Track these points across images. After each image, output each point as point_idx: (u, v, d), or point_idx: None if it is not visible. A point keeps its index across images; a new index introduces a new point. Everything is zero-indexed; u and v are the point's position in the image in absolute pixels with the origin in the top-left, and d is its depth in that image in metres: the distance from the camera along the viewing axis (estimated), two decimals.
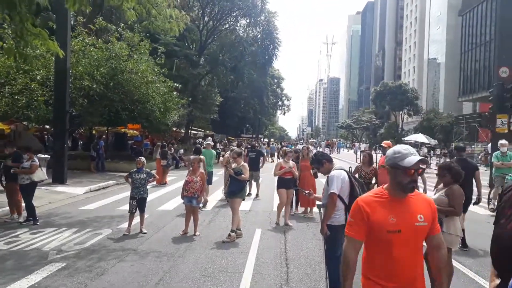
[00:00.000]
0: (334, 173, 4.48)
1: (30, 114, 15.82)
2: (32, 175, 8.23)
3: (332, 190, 4.38)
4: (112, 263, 5.84)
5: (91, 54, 17.63)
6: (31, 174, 8.22)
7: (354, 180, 4.58)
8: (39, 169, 8.40)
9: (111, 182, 14.97)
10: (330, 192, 4.39)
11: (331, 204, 4.40)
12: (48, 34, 8.62)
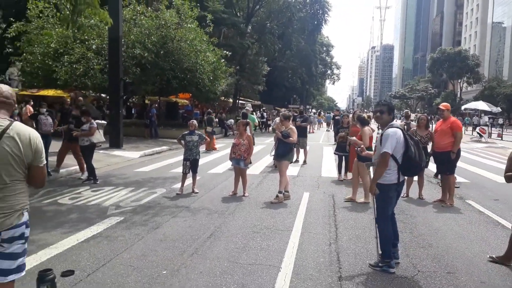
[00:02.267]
0: (389, 131, 4.27)
1: (87, 82, 16.63)
2: (91, 137, 8.71)
3: (385, 149, 4.20)
4: (166, 218, 6.11)
5: (142, 22, 17.96)
6: (91, 136, 8.70)
7: (410, 139, 4.37)
8: (97, 131, 8.87)
9: (164, 148, 15.55)
10: (383, 151, 4.22)
11: (382, 163, 4.24)
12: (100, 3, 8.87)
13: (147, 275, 4.02)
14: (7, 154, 2.43)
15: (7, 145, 2.43)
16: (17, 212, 2.51)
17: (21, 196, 2.54)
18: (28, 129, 2.59)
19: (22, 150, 2.48)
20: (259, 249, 4.81)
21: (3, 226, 2.45)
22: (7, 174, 2.45)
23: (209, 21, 21.73)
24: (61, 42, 17.19)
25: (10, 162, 2.45)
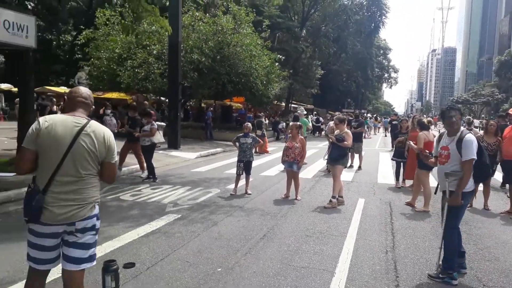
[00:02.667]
0: (469, 137, 4.04)
1: (148, 85, 17.48)
2: (152, 138, 9.14)
3: (472, 156, 3.98)
4: (221, 217, 6.25)
5: (200, 28, 18.53)
6: (151, 136, 9.12)
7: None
8: (157, 132, 9.30)
9: (219, 150, 15.93)
10: (470, 157, 3.99)
11: (469, 171, 4.01)
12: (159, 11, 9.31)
13: (203, 271, 4.13)
14: (84, 150, 2.61)
15: (84, 142, 2.61)
16: (89, 205, 2.68)
17: (93, 190, 2.71)
18: (103, 127, 2.78)
19: (97, 146, 2.65)
20: (312, 253, 4.77)
21: (77, 217, 2.63)
22: (82, 168, 2.63)
23: (265, 26, 21.96)
24: (124, 48, 18.23)
25: (86, 157, 2.63)
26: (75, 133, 2.60)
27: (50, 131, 2.57)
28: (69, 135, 2.59)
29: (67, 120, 2.65)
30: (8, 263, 4.21)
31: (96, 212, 2.75)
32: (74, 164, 2.59)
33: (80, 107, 2.75)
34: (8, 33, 6.77)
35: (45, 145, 2.57)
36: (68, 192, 2.59)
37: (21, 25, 7.03)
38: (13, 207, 6.51)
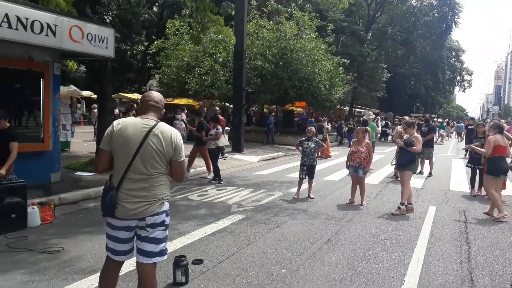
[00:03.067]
0: None
1: (214, 92, 18.12)
2: (217, 141, 9.45)
3: None
4: (285, 219, 6.28)
5: (264, 35, 18.85)
6: (217, 140, 9.44)
7: None
8: (222, 136, 9.60)
9: (281, 154, 16.01)
10: None
11: None
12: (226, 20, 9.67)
13: (267, 271, 4.18)
14: (152, 149, 2.75)
15: (152, 142, 2.75)
16: (158, 201, 2.79)
17: (162, 188, 2.83)
18: (171, 128, 2.90)
19: (164, 146, 2.77)
20: (380, 259, 4.62)
21: (146, 212, 2.76)
22: (151, 166, 2.78)
23: (329, 30, 21.76)
24: (193, 56, 19.06)
25: (154, 157, 2.78)
26: (144, 134, 2.75)
27: (122, 133, 2.76)
28: (138, 136, 2.74)
29: (137, 122, 2.83)
30: (90, 254, 4.59)
31: (165, 209, 2.86)
32: (143, 163, 2.73)
33: (151, 110, 2.91)
34: (91, 45, 7.41)
35: (118, 146, 2.77)
36: (139, 189, 2.75)
37: (102, 37, 7.66)
38: (92, 204, 7.07)
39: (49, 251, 4.61)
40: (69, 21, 7.00)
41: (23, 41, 6.36)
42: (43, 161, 7.71)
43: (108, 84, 10.14)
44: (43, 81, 7.48)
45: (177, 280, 3.81)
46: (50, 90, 7.62)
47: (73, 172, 9.23)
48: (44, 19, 6.51)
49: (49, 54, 7.51)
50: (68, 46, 7.03)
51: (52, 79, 7.67)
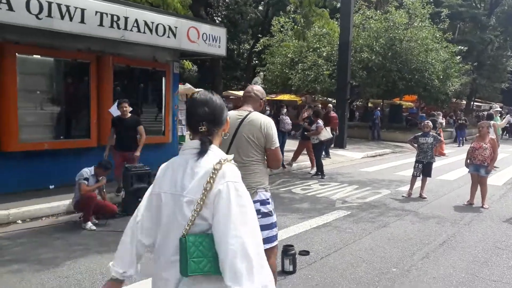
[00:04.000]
0: None
1: (316, 87, 18.02)
2: (319, 135, 9.41)
3: None
4: (392, 219, 6.01)
5: (370, 26, 18.12)
6: (318, 134, 9.41)
7: None
8: (323, 129, 9.53)
9: (387, 150, 15.25)
10: None
11: None
12: (331, 12, 9.51)
13: (376, 268, 4.07)
14: (244, 138, 2.84)
15: (244, 131, 2.85)
16: (251, 190, 2.76)
17: (257, 176, 2.87)
18: (262, 117, 2.92)
19: (254, 134, 2.84)
20: (506, 267, 4.16)
21: None
22: (244, 155, 2.88)
23: (443, 16, 20.01)
24: (296, 52, 19.18)
25: (247, 145, 2.88)
26: (237, 124, 2.86)
27: None
28: (232, 127, 2.80)
29: (233, 114, 2.93)
30: None
31: (259, 198, 2.87)
32: (237, 152, 2.81)
33: (248, 102, 3.01)
34: (205, 44, 7.97)
35: None
36: None
37: (215, 37, 8.17)
38: None
39: None
40: (187, 23, 7.62)
41: (149, 43, 7.13)
42: (164, 152, 8.51)
43: (219, 81, 10.81)
44: (165, 79, 8.27)
45: (285, 268, 3.92)
46: (170, 88, 8.40)
47: None
48: (166, 22, 7.19)
49: (169, 54, 8.29)
50: (186, 46, 7.66)
51: (172, 78, 8.44)
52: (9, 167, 6.26)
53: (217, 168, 1.44)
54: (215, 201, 1.41)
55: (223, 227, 1.37)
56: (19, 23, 5.44)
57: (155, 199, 1.57)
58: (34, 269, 3.88)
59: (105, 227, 5.26)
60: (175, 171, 1.54)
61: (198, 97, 1.61)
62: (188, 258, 1.37)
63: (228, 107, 11.82)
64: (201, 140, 1.52)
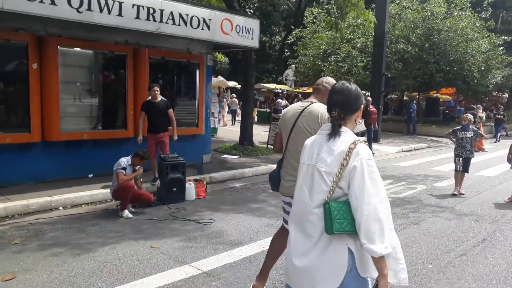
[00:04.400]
0: None
1: (350, 79, 17.65)
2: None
3: None
4: (427, 215, 5.85)
5: (407, 16, 17.58)
6: None
7: None
8: None
9: (423, 145, 14.83)
10: None
11: None
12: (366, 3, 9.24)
13: (411, 264, 3.98)
14: (300, 129, 2.84)
15: (301, 122, 2.85)
16: None
17: None
18: (321, 108, 2.83)
19: (311, 125, 2.80)
20: None
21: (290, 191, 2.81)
22: (300, 145, 2.81)
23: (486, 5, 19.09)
24: (329, 43, 18.90)
25: (303, 136, 2.80)
26: (298, 114, 2.88)
27: (284, 116, 3.02)
28: (293, 117, 2.90)
29: (296, 105, 3.01)
30: (236, 228, 5.03)
31: None
32: (295, 142, 2.83)
33: (315, 93, 3.02)
34: (238, 36, 7.99)
35: (282, 128, 3.03)
36: (291, 169, 2.85)
37: (248, 28, 8.17)
38: (238, 184, 7.69)
39: (203, 222, 5.20)
40: (221, 15, 7.66)
41: (184, 36, 7.22)
42: (197, 143, 8.67)
43: (252, 73, 10.80)
44: (198, 71, 8.37)
45: None
46: (204, 80, 8.49)
47: (220, 154, 10.16)
48: (201, 14, 7.25)
49: (203, 47, 8.37)
50: (220, 38, 7.71)
51: (206, 70, 8.52)
52: (51, 156, 6.56)
53: (352, 147, 1.76)
54: (350, 174, 1.73)
55: (359, 196, 1.69)
56: (61, 17, 5.64)
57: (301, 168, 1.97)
58: (74, 253, 4.06)
59: (141, 215, 5.42)
60: (312, 147, 1.93)
61: (337, 86, 1.94)
62: (332, 219, 1.70)
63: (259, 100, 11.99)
64: (332, 124, 1.88)
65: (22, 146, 6.26)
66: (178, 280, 3.54)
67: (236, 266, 3.89)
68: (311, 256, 1.80)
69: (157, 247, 4.30)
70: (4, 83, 6.16)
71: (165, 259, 4.00)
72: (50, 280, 3.47)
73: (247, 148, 10.61)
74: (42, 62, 6.21)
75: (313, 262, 1.79)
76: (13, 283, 3.39)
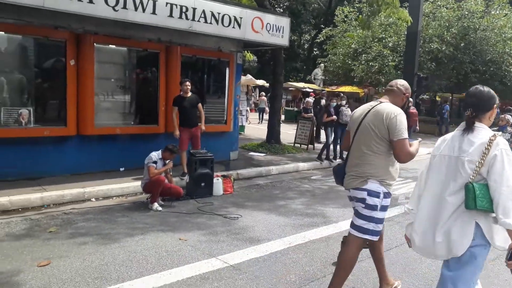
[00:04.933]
0: None
1: (381, 78, 17.38)
2: None
3: None
4: None
5: (442, 15, 17.10)
6: None
7: None
8: None
9: None
10: None
11: None
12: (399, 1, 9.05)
13: None
14: (365, 128, 2.88)
15: (367, 121, 2.88)
16: (361, 178, 2.89)
17: (371, 168, 2.86)
18: (388, 108, 2.83)
19: (376, 124, 2.82)
20: None
21: (350, 185, 2.97)
22: (365, 145, 2.89)
23: None
24: (360, 42, 18.64)
25: (367, 136, 2.87)
26: (364, 114, 2.93)
27: (353, 115, 3.11)
28: (360, 117, 2.96)
29: (366, 105, 3.08)
30: (263, 224, 5.06)
31: (368, 188, 2.87)
32: (359, 141, 2.93)
33: (386, 93, 3.05)
34: (269, 34, 8.02)
35: (350, 126, 3.12)
36: (353, 165, 2.98)
37: (279, 27, 8.18)
38: (264, 181, 7.72)
39: (229, 217, 5.26)
40: (252, 13, 7.71)
41: (215, 34, 7.32)
42: (225, 140, 8.76)
43: (281, 71, 10.81)
44: (228, 69, 8.45)
45: None
46: (233, 78, 8.57)
47: (247, 152, 10.22)
48: (232, 13, 7.32)
49: (233, 45, 8.44)
50: (250, 37, 7.76)
51: (235, 68, 8.59)
52: (85, 149, 6.79)
53: (493, 139, 2.13)
54: (491, 162, 2.10)
55: (499, 179, 2.06)
56: (98, 15, 5.84)
57: (433, 158, 2.37)
58: (105, 243, 4.20)
59: (169, 208, 5.54)
60: (452, 141, 2.30)
61: (471, 90, 2.34)
62: (476, 197, 2.08)
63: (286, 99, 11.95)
64: (466, 121, 2.26)
65: (58, 139, 6.52)
66: (205, 272, 3.60)
67: (262, 261, 3.91)
68: (447, 228, 2.21)
69: (185, 239, 4.39)
70: (43, 79, 6.44)
71: (193, 251, 4.07)
72: (83, 267, 3.60)
73: (274, 146, 10.62)
74: (79, 59, 6.43)
75: (448, 234, 2.20)
76: (48, 268, 3.55)
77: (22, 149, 6.15)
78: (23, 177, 6.10)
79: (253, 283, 3.45)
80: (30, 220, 4.84)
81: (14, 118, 6.03)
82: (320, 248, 4.31)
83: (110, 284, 3.32)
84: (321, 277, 3.62)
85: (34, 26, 6.00)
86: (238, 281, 3.46)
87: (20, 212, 5.13)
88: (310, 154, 10.59)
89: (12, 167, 6.05)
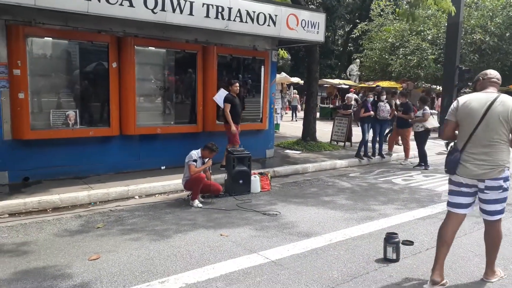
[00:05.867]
0: None
1: (419, 72, 16.85)
2: (425, 123, 8.81)
3: None
4: (508, 214, 5.42)
5: (485, 4, 16.36)
6: (424, 122, 8.81)
7: None
8: (430, 117, 8.90)
9: None
10: None
11: None
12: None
13: None
14: (495, 118, 3.07)
15: (495, 111, 3.06)
16: (499, 167, 3.10)
17: (504, 155, 3.11)
18: (510, 100, 3.10)
19: (508, 115, 3.05)
20: None
21: (487, 176, 3.12)
22: (493, 133, 3.09)
23: None
24: (397, 36, 18.15)
25: (497, 125, 3.07)
26: (488, 105, 3.09)
27: (467, 106, 3.18)
28: (482, 107, 3.10)
29: (481, 96, 3.19)
30: (302, 221, 5.06)
31: (504, 175, 3.12)
32: (485, 130, 3.08)
33: (492, 86, 3.24)
34: (304, 31, 7.97)
35: (463, 117, 3.21)
36: (480, 154, 3.12)
37: (314, 23, 8.12)
38: (301, 178, 7.69)
39: (268, 214, 5.29)
40: (287, 10, 7.69)
41: (251, 33, 7.36)
42: (261, 138, 8.80)
43: (316, 68, 10.72)
44: (263, 67, 8.48)
45: (388, 256, 3.81)
46: (268, 76, 8.59)
47: (283, 150, 10.21)
48: (267, 11, 7.34)
49: (268, 43, 8.47)
50: (285, 34, 7.74)
51: (270, 66, 8.61)
52: (128, 149, 7.05)
53: None
54: None
55: None
56: (138, 18, 6.03)
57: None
58: (150, 238, 4.34)
59: (210, 205, 5.64)
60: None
61: None
62: None
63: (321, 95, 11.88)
64: None
65: (102, 139, 6.80)
66: (247, 267, 3.65)
67: (303, 257, 3.91)
68: None
69: (226, 235, 4.46)
70: (87, 81, 6.72)
71: (234, 247, 4.13)
72: (130, 261, 3.74)
73: (310, 144, 10.55)
74: (121, 61, 6.67)
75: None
76: (98, 262, 3.72)
77: (69, 149, 6.46)
78: (70, 176, 6.43)
79: (295, 278, 3.46)
80: (79, 216, 5.08)
81: (62, 119, 6.35)
82: (362, 245, 4.25)
83: (157, 277, 3.43)
84: (364, 274, 3.57)
85: (78, 31, 6.29)
86: (280, 276, 3.48)
87: (69, 209, 5.40)
88: (347, 151, 10.44)
89: (61, 166, 6.37)
